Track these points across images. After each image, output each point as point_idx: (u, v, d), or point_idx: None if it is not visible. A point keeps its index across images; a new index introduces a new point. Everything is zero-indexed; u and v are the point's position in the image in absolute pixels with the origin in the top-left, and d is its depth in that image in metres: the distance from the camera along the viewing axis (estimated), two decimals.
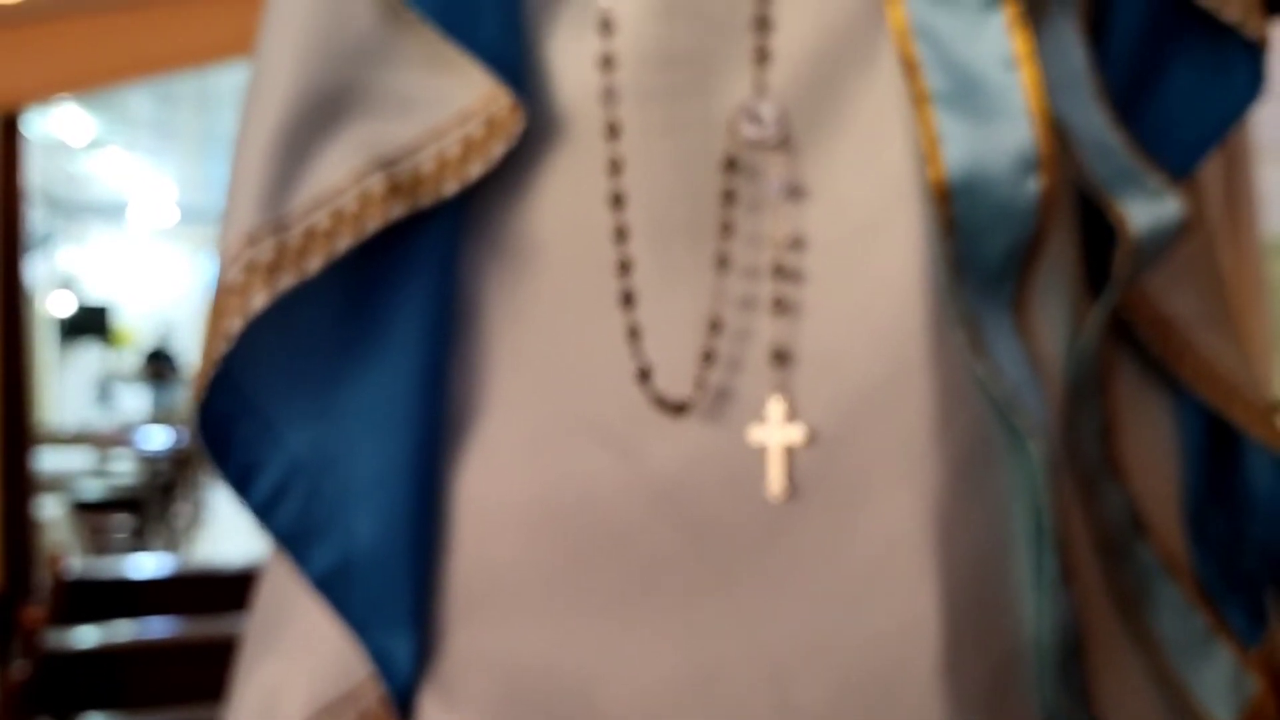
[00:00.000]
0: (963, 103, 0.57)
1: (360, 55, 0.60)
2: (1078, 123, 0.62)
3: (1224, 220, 3.28)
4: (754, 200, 0.59)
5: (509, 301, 0.62)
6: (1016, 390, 0.58)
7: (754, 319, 0.59)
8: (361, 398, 0.61)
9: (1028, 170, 0.56)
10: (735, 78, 0.59)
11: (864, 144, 0.58)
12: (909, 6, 0.57)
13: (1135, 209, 0.61)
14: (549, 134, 0.61)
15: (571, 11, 0.61)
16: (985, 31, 0.57)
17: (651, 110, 0.59)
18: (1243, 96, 0.69)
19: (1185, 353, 0.71)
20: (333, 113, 0.59)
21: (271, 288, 0.56)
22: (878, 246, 0.58)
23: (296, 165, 0.58)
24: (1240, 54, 0.69)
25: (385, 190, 0.58)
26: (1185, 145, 0.69)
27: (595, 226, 0.59)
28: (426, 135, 0.60)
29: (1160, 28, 0.70)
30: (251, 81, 0.62)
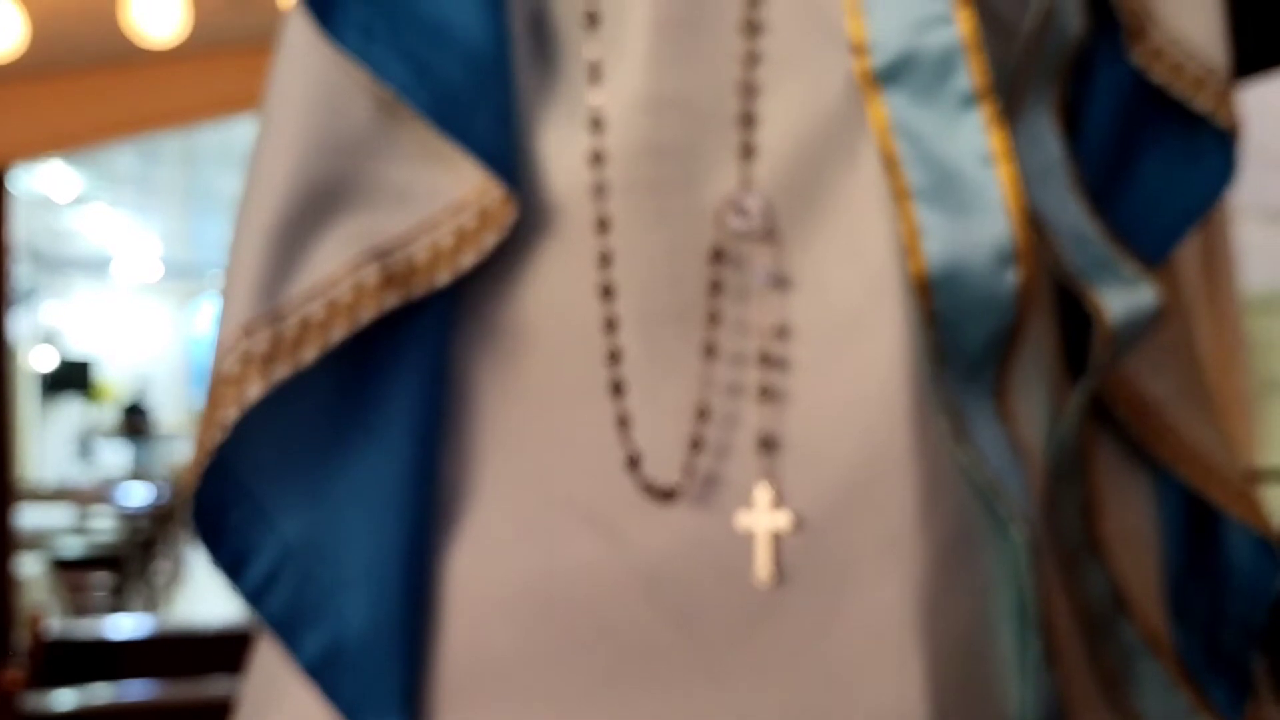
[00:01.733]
0: (942, 198, 0.58)
1: (356, 148, 0.62)
2: (1054, 213, 0.64)
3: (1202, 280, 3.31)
4: (741, 290, 0.60)
5: (500, 387, 0.63)
6: (999, 476, 0.59)
7: (741, 406, 0.60)
8: (354, 483, 0.61)
9: (1006, 263, 0.58)
10: (721, 171, 0.61)
11: (847, 236, 0.60)
12: (889, 104, 0.59)
13: (1111, 297, 0.63)
14: (540, 225, 0.62)
15: (562, 107, 0.63)
16: (963, 129, 0.59)
17: (641, 202, 0.61)
18: (1216, 183, 0.71)
19: (1164, 433, 0.72)
20: (329, 206, 0.61)
21: (267, 378, 0.57)
22: (861, 336, 0.59)
23: (292, 258, 0.59)
24: (1213, 142, 0.71)
25: (379, 281, 0.59)
26: (1160, 231, 0.71)
27: (585, 316, 0.60)
28: (420, 226, 0.61)
29: (1134, 117, 0.72)
30: (250, 173, 0.63)
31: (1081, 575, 0.68)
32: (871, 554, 0.58)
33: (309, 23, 0.61)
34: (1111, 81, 0.71)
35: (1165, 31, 0.70)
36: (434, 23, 0.62)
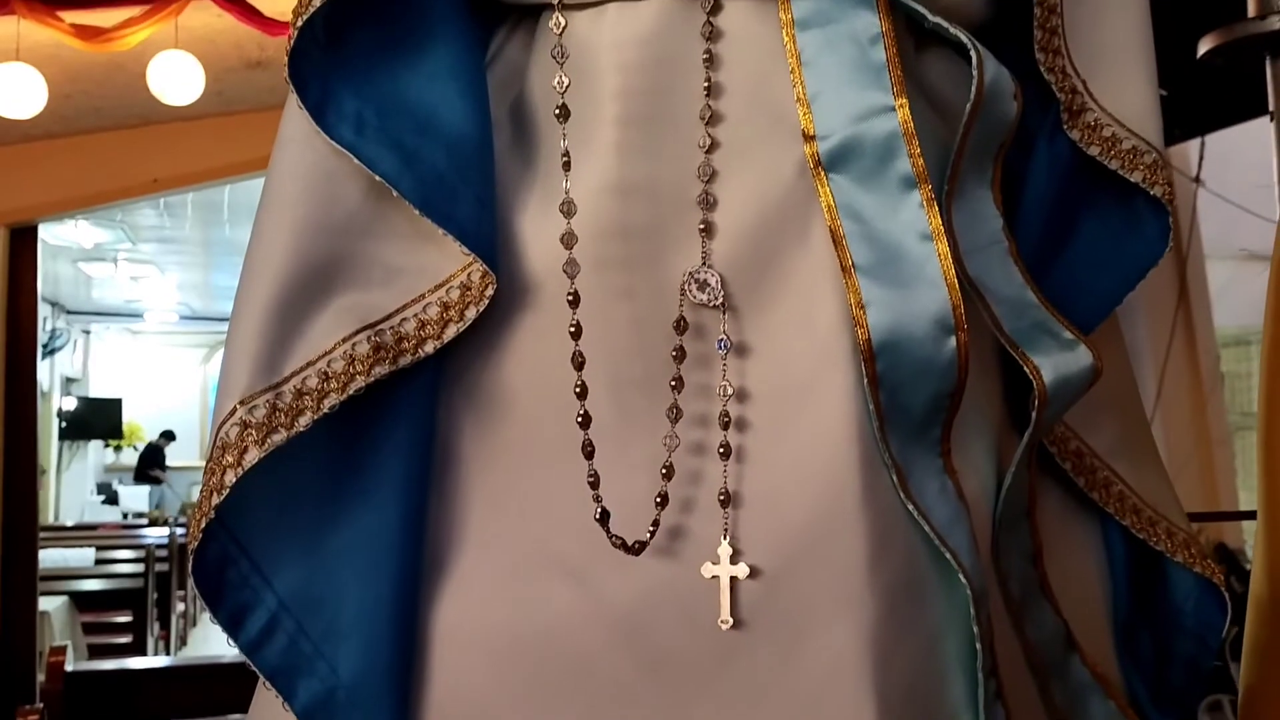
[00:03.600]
0: (884, 272, 0.64)
1: (349, 229, 0.68)
2: (994, 282, 0.69)
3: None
4: (702, 357, 0.66)
5: (483, 447, 0.68)
6: (946, 527, 0.64)
7: (704, 464, 0.65)
8: (347, 540, 0.66)
9: (946, 331, 0.63)
10: (684, 248, 0.66)
11: (799, 306, 0.65)
12: (835, 187, 0.65)
13: (1047, 362, 0.68)
14: (518, 299, 0.68)
15: (538, 190, 0.69)
16: (903, 209, 0.65)
17: (610, 278, 0.66)
18: (1152, 250, 0.76)
19: (1108, 483, 0.77)
20: (323, 283, 0.66)
21: (264, 445, 0.63)
22: (813, 399, 0.64)
23: (289, 333, 0.65)
24: (1149, 211, 0.76)
25: (369, 351, 0.65)
26: (1100, 296, 0.76)
27: (559, 382, 0.66)
28: (408, 301, 0.67)
29: (1073, 187, 0.77)
30: (249, 251, 0.69)
31: (1031, 617, 0.72)
32: (825, 602, 0.63)
33: (305, 116, 0.67)
34: (1051, 153, 0.76)
35: (1101, 107, 0.75)
36: (422, 112, 0.69)
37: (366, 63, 0.69)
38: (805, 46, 0.66)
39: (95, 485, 9.71)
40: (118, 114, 3.96)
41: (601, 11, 0.69)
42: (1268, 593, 0.80)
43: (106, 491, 9.60)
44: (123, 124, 4.00)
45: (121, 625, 5.80)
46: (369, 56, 0.69)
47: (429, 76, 0.69)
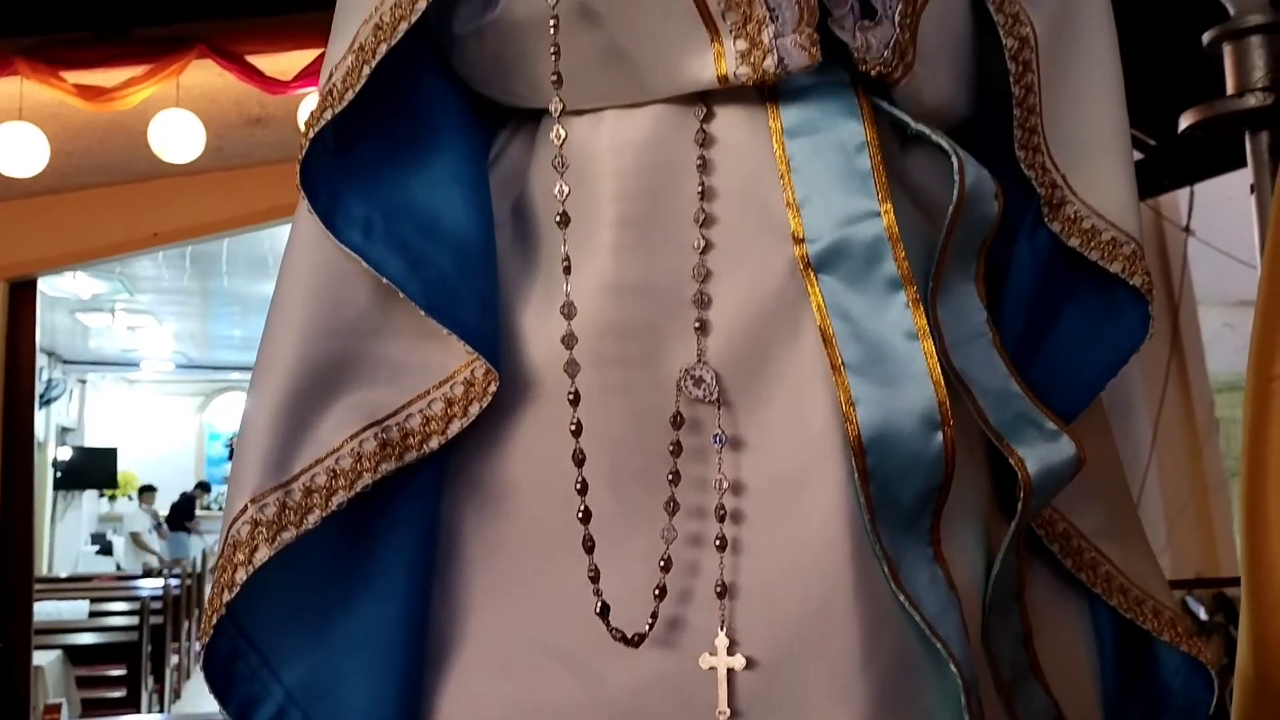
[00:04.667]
0: (873, 370, 0.66)
1: (357, 329, 0.70)
2: (979, 375, 0.71)
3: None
4: (699, 450, 0.68)
5: (484, 538, 0.70)
6: (937, 616, 0.66)
7: (701, 556, 0.67)
8: (352, 631, 0.68)
9: (933, 427, 0.65)
10: (680, 346, 0.69)
11: (791, 402, 0.68)
12: (824, 287, 0.68)
13: (1032, 453, 0.70)
14: (520, 395, 0.70)
15: (539, 289, 0.72)
16: (890, 309, 0.67)
17: (609, 375, 0.69)
18: (1133, 337, 0.79)
19: (1095, 564, 0.79)
20: (331, 383, 0.69)
21: (274, 543, 0.65)
22: (807, 492, 0.66)
23: (298, 432, 0.67)
24: (1128, 300, 0.79)
25: (376, 448, 0.67)
26: (1082, 383, 0.79)
27: (560, 476, 0.68)
28: (414, 398, 0.69)
29: (1054, 277, 0.80)
30: (261, 351, 0.71)
31: (1022, 697, 0.74)
32: (820, 692, 0.64)
33: (315, 220, 0.70)
34: (1032, 244, 0.79)
35: (1081, 200, 0.78)
36: (427, 216, 0.71)
37: (374, 169, 0.72)
38: (794, 154, 0.69)
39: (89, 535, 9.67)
40: (118, 170, 4.00)
41: (600, 118, 0.72)
42: (1254, 670, 0.82)
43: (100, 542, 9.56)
44: (123, 179, 4.04)
45: (115, 679, 5.76)
46: (377, 163, 0.72)
47: (434, 182, 0.72)
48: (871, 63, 0.69)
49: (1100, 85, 0.79)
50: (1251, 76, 1.23)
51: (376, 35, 0.68)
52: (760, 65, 0.66)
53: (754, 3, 0.66)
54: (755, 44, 0.66)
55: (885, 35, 0.69)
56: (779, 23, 0.66)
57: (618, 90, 0.72)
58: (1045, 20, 0.76)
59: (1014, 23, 0.75)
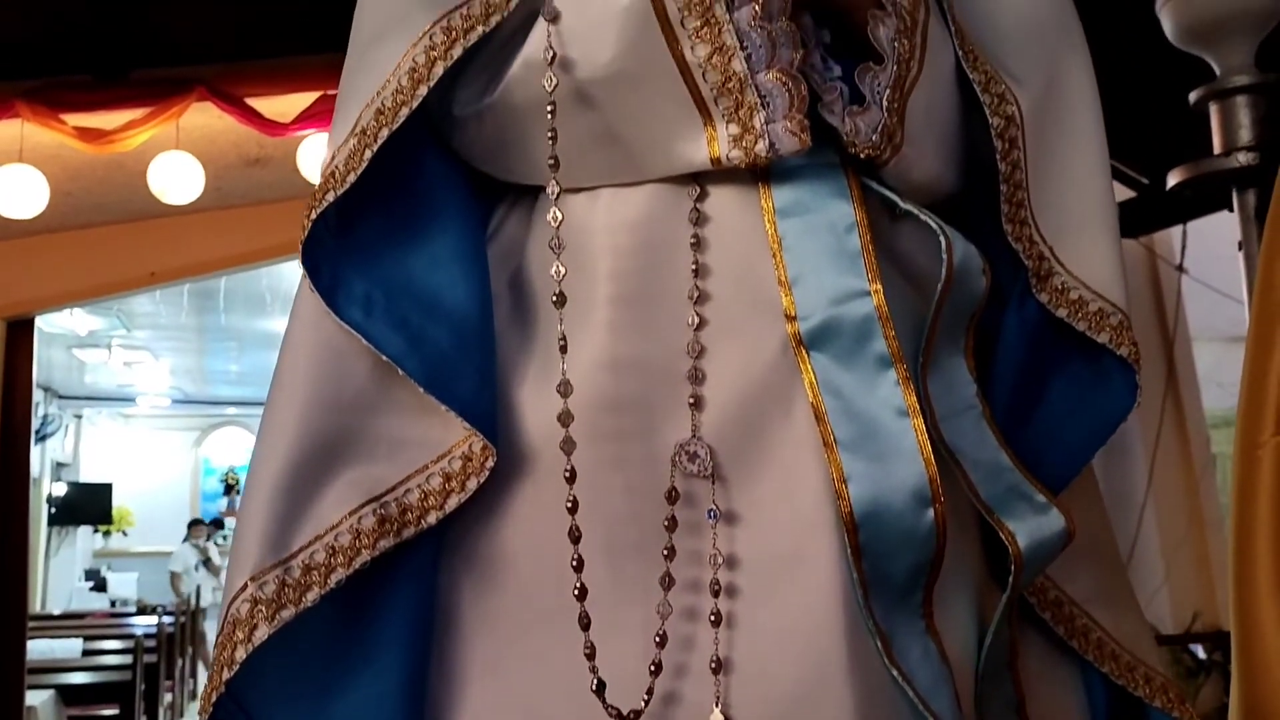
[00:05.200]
0: (864, 447, 0.67)
1: (356, 404, 0.71)
2: (969, 447, 0.72)
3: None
4: (693, 525, 0.69)
5: (481, 612, 0.71)
6: (930, 690, 0.66)
7: (696, 630, 0.68)
8: (350, 706, 0.69)
9: (924, 503, 0.66)
10: (674, 421, 0.70)
11: (785, 478, 0.69)
12: (816, 365, 0.69)
13: (1022, 527, 0.71)
14: (516, 467, 0.71)
15: (536, 362, 0.73)
16: (881, 386, 0.68)
17: (604, 450, 0.70)
18: (1121, 405, 0.80)
19: (1086, 631, 0.80)
20: (330, 459, 0.70)
21: (273, 621, 0.66)
22: (800, 567, 0.67)
23: (297, 509, 0.68)
24: (1116, 369, 0.80)
25: (375, 524, 0.68)
26: (1071, 451, 0.80)
27: (556, 550, 0.69)
28: (412, 473, 0.70)
29: (1042, 347, 0.81)
30: (262, 427, 0.72)
31: None
32: None
33: (317, 298, 0.71)
34: (1021, 315, 0.80)
35: (1068, 271, 0.80)
36: (427, 293, 0.72)
37: (375, 247, 0.73)
38: (785, 233, 0.70)
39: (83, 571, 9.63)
40: (117, 209, 4.02)
41: (596, 196, 0.74)
42: None
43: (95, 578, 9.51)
44: (122, 218, 4.06)
45: (108, 719, 5.71)
46: (378, 240, 0.73)
47: (434, 259, 0.73)
48: (861, 146, 0.70)
49: (1085, 158, 0.81)
50: (1238, 136, 1.25)
51: (379, 120, 0.69)
52: (752, 149, 0.68)
53: (745, 89, 0.67)
54: (747, 129, 0.68)
55: (874, 120, 0.70)
56: (770, 109, 0.68)
57: (613, 170, 0.73)
58: (1030, 98, 0.78)
59: (999, 101, 0.76)
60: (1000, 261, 0.79)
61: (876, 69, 0.71)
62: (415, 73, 0.69)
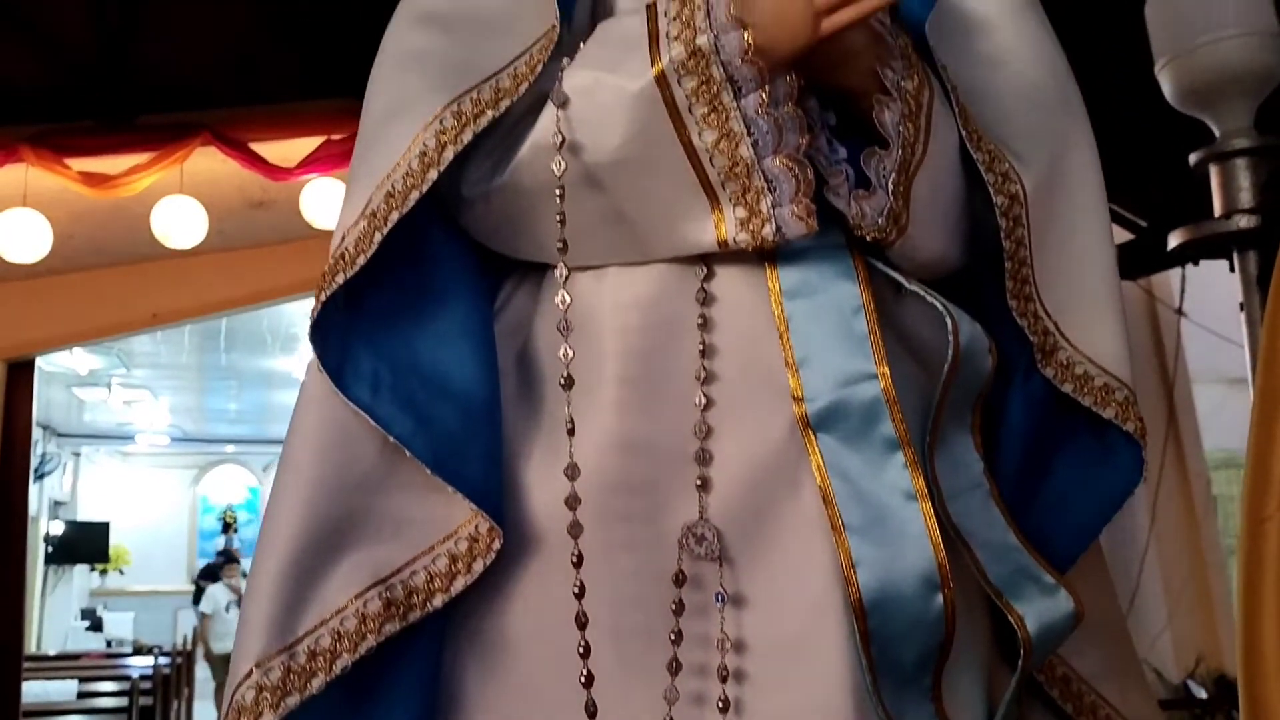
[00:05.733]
0: (873, 531, 0.67)
1: (363, 486, 0.71)
2: (977, 527, 0.72)
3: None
4: (701, 608, 0.68)
5: (485, 692, 0.71)
6: None
7: (704, 715, 0.67)
8: None
9: (933, 589, 0.66)
10: (682, 502, 0.70)
11: (793, 561, 0.69)
12: (824, 447, 0.69)
13: (1030, 609, 0.71)
14: (522, 547, 0.71)
15: (543, 443, 0.73)
16: (888, 469, 0.68)
17: (611, 532, 0.70)
18: (1128, 480, 0.80)
19: (1095, 707, 0.79)
20: (336, 542, 0.70)
21: (278, 709, 0.65)
22: (808, 652, 0.67)
23: (303, 593, 0.68)
24: (1122, 443, 0.80)
25: (380, 608, 0.68)
26: (1078, 528, 0.80)
27: (562, 634, 0.68)
28: (418, 553, 0.70)
29: (1048, 422, 0.81)
30: (269, 509, 0.72)
31: None
32: None
33: (325, 377, 0.71)
34: (1026, 390, 0.80)
35: (1073, 345, 0.80)
36: (434, 371, 0.73)
37: (383, 324, 0.73)
38: (792, 314, 0.71)
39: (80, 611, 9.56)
40: (119, 251, 4.03)
41: (603, 274, 0.74)
42: None
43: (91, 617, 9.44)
44: (124, 260, 4.07)
45: None
46: (385, 317, 0.73)
47: (442, 336, 0.73)
48: (867, 229, 0.71)
49: (1089, 234, 0.81)
50: (1238, 198, 1.26)
51: (389, 203, 0.70)
52: (759, 233, 0.68)
53: (752, 174, 0.68)
54: (754, 212, 0.68)
55: (880, 204, 0.71)
56: (776, 193, 0.68)
57: (620, 250, 0.74)
58: (1034, 176, 0.78)
59: (1003, 180, 0.77)
60: (1006, 334, 0.79)
61: (882, 154, 0.72)
62: (425, 156, 0.70)
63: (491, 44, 0.73)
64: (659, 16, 0.70)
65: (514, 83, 0.72)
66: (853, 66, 0.72)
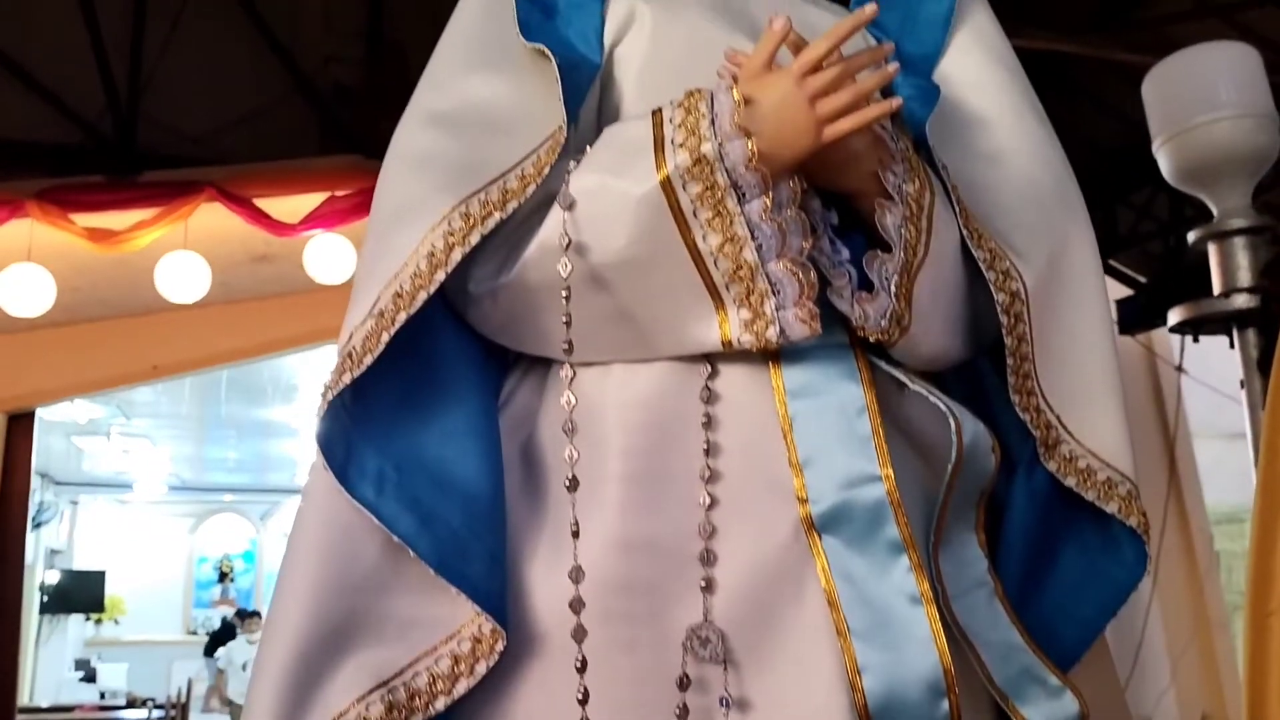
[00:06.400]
0: (878, 636, 0.67)
1: (366, 586, 0.71)
2: (982, 628, 0.72)
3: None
4: (705, 711, 0.68)
5: None
6: None
7: None
8: None
9: (938, 694, 0.66)
10: (685, 604, 0.69)
11: (797, 664, 0.68)
12: (828, 549, 0.69)
13: (1036, 711, 0.71)
14: (525, 647, 0.71)
15: (547, 542, 0.73)
16: (893, 572, 0.68)
17: (615, 633, 0.69)
18: (1131, 574, 0.80)
19: None
20: (338, 643, 0.69)
21: None
22: None
23: (305, 695, 0.68)
24: (1126, 536, 0.80)
25: (382, 712, 0.68)
26: (1082, 624, 0.79)
27: None
28: (420, 654, 0.70)
29: (1052, 516, 0.81)
30: (272, 609, 0.72)
31: None
32: None
33: (330, 475, 0.71)
34: (1030, 485, 0.81)
35: (1076, 440, 0.80)
36: (439, 469, 0.73)
37: (388, 420, 0.73)
38: (796, 414, 0.71)
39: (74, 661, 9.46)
40: (122, 304, 4.05)
41: (608, 370, 0.75)
42: None
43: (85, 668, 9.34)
44: (126, 313, 4.08)
45: None
46: (390, 413, 0.74)
47: (446, 432, 0.74)
48: (870, 331, 0.71)
49: (1089, 328, 0.82)
50: (1237, 277, 1.27)
51: (396, 303, 0.70)
52: (763, 335, 0.69)
53: (756, 277, 0.69)
54: (758, 314, 0.69)
55: (882, 306, 0.71)
56: (780, 296, 0.69)
57: (625, 347, 0.74)
58: (1034, 272, 0.79)
59: (1004, 278, 0.77)
60: (1008, 425, 0.79)
61: (884, 257, 0.72)
62: (433, 258, 0.70)
63: (498, 144, 0.74)
64: (664, 123, 0.71)
65: (521, 184, 0.72)
66: (855, 170, 0.73)
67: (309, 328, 4.17)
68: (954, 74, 0.85)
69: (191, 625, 10.00)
